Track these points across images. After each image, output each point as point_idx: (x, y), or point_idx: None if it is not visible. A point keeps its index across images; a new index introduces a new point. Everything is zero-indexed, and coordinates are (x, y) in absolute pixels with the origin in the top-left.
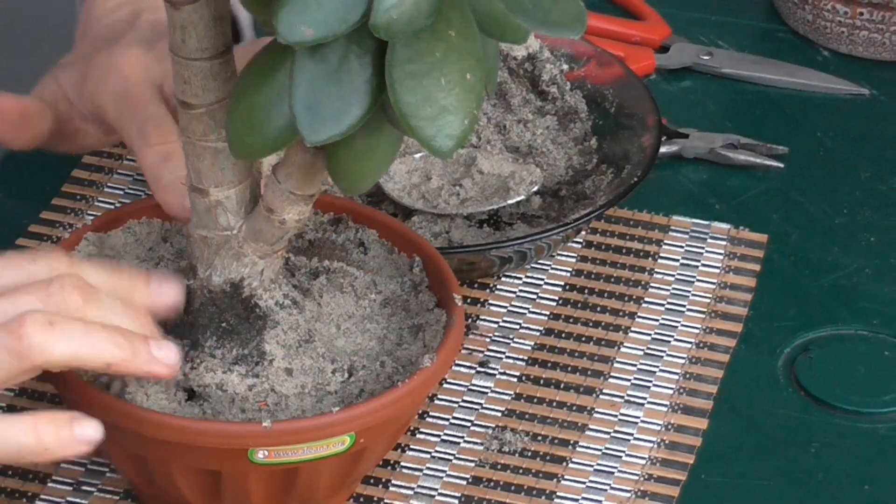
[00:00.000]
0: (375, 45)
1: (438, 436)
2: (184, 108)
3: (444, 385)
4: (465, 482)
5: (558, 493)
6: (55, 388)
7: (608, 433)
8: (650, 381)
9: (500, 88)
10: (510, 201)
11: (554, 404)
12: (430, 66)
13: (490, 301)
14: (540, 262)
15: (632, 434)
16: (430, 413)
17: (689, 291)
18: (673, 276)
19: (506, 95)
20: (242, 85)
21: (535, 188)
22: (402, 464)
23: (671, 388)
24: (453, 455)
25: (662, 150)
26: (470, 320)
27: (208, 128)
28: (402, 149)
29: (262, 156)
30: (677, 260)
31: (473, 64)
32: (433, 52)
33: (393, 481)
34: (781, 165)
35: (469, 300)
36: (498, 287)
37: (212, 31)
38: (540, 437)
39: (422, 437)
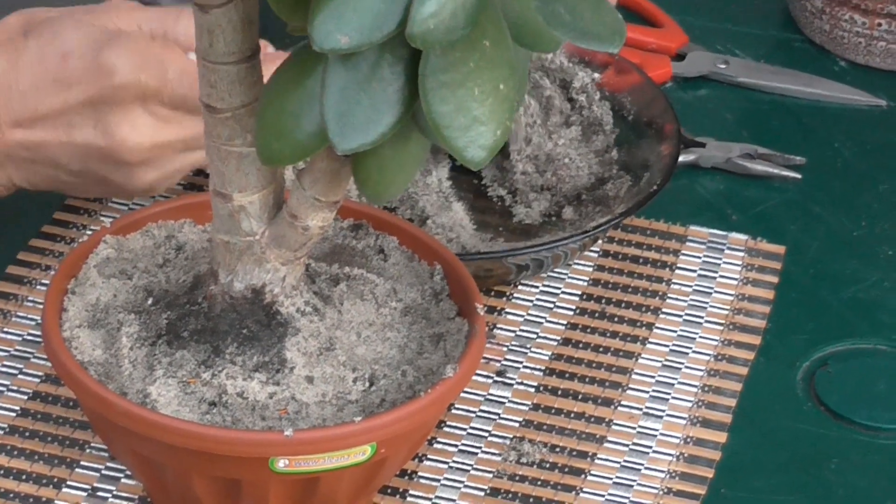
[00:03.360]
0: (408, 53)
1: (456, 446)
2: (209, 112)
3: (461, 394)
4: (482, 493)
5: None
6: (73, 393)
7: (627, 445)
8: (669, 394)
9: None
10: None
11: (572, 415)
12: (463, 76)
13: (507, 309)
14: (557, 270)
15: (651, 447)
16: (448, 422)
17: (706, 303)
18: (690, 286)
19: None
20: (272, 90)
21: None
22: (420, 474)
23: (690, 401)
24: (471, 466)
25: (679, 158)
26: (487, 328)
27: (234, 132)
28: None
29: (290, 162)
30: (695, 270)
31: (507, 74)
32: (467, 62)
33: (410, 491)
34: (799, 176)
35: (486, 308)
36: (515, 295)
37: (240, 34)
38: (558, 449)
39: (439, 446)
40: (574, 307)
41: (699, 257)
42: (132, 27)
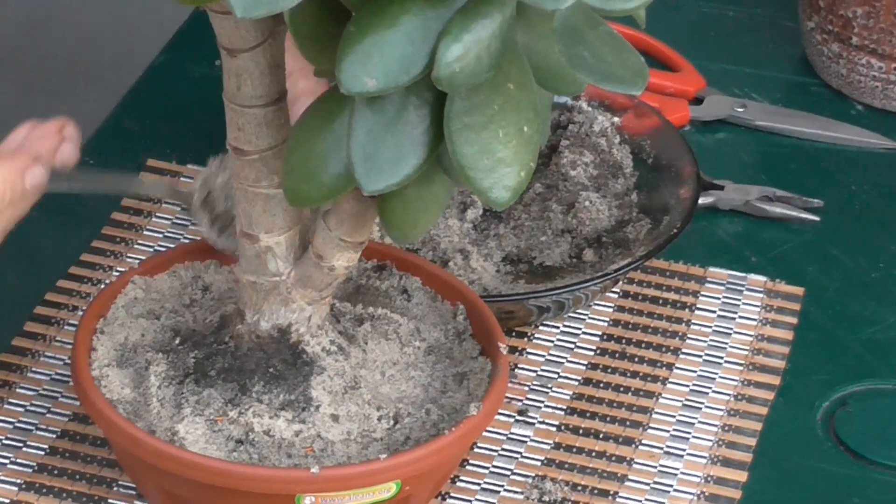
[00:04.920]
0: (433, 96)
1: (479, 484)
2: (237, 155)
3: (484, 433)
4: None
5: None
6: (102, 431)
7: (648, 484)
8: (689, 433)
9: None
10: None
11: (593, 454)
12: (488, 119)
13: (528, 350)
14: (578, 311)
15: (671, 486)
16: (471, 461)
17: (726, 343)
18: (710, 327)
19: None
20: (299, 133)
21: None
22: None
23: (710, 440)
24: None
25: (698, 201)
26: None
27: (261, 174)
28: None
29: (316, 203)
30: (714, 311)
31: (530, 116)
32: (492, 105)
33: None
34: (817, 218)
35: (507, 348)
36: (536, 336)
37: (267, 78)
38: (580, 487)
39: (462, 485)
40: (595, 347)
41: (718, 298)
42: None
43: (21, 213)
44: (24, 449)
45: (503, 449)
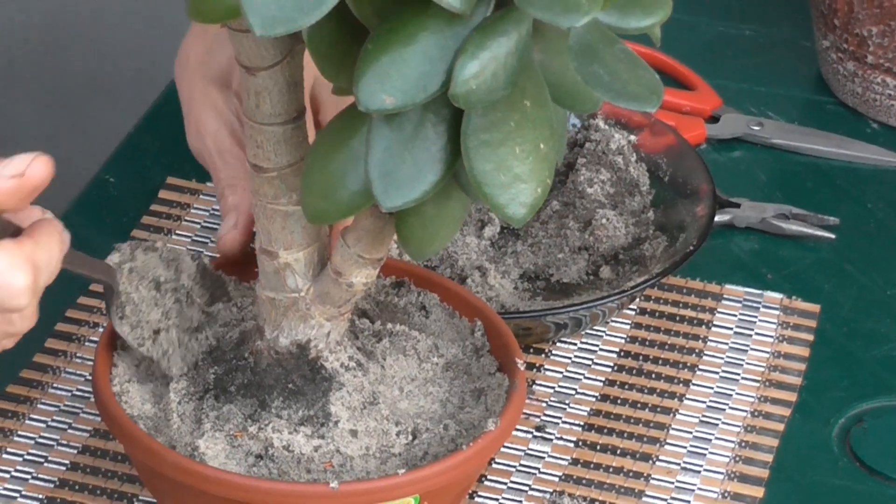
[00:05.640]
0: (451, 113)
1: (496, 500)
2: (256, 172)
3: (502, 449)
4: None
5: None
6: (123, 446)
7: (665, 500)
8: (706, 449)
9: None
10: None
11: (611, 470)
12: (504, 135)
13: (546, 366)
14: (595, 328)
15: (688, 501)
16: (489, 477)
17: (742, 360)
18: (727, 344)
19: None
20: (317, 150)
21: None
22: None
23: (727, 456)
24: None
25: (714, 219)
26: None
27: (279, 191)
28: None
29: (335, 220)
30: (731, 328)
31: (547, 133)
32: (508, 122)
33: None
34: (833, 236)
35: (525, 364)
36: (553, 352)
37: (285, 96)
38: (598, 503)
39: (480, 500)
40: (612, 364)
41: (735, 315)
42: None
43: None
44: (46, 464)
45: (521, 464)
